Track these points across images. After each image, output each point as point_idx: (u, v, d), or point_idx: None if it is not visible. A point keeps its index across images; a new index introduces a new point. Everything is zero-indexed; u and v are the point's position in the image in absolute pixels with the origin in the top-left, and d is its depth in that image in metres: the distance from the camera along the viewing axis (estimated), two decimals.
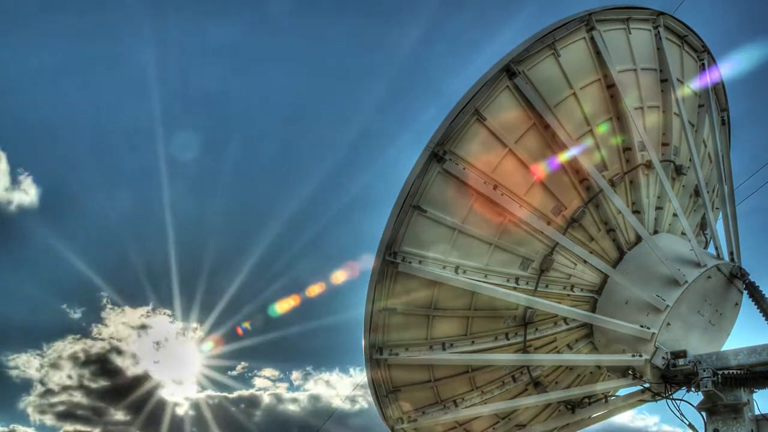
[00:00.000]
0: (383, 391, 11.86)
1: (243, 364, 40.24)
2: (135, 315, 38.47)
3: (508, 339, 11.83)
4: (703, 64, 12.86)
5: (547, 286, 11.54)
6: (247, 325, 33.20)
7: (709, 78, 12.69)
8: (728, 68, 13.03)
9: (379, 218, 10.88)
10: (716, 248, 12.03)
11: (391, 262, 10.83)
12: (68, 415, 38.04)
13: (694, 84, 12.39)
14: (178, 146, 36.13)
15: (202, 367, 36.05)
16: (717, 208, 13.50)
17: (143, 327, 37.91)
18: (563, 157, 11.03)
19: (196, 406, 37.08)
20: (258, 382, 41.30)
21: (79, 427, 37.29)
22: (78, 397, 38.49)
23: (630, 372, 10.63)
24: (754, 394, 9.85)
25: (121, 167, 39.83)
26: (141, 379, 38.45)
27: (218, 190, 40.77)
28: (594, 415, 12.46)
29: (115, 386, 38.55)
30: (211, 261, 36.09)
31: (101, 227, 39.70)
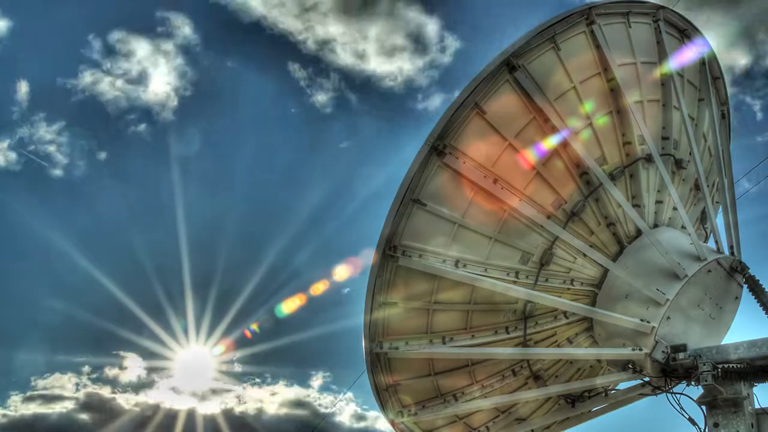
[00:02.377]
0: (383, 385, 11.86)
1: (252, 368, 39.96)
2: None
3: (508, 333, 11.83)
4: (703, 58, 12.85)
5: (547, 279, 11.54)
6: (255, 327, 33.05)
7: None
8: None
9: (381, 214, 10.89)
10: (716, 242, 12.02)
11: (391, 256, 10.82)
12: None
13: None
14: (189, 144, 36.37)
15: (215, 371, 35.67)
16: (717, 202, 13.49)
17: None
18: (563, 150, 11.06)
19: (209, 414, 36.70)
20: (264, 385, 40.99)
21: None
22: None
23: (630, 366, 10.65)
24: (754, 388, 9.87)
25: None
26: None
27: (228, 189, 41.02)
28: (594, 409, 12.46)
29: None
30: (223, 263, 36.04)
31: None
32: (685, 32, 12.61)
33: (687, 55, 12.35)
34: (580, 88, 11.15)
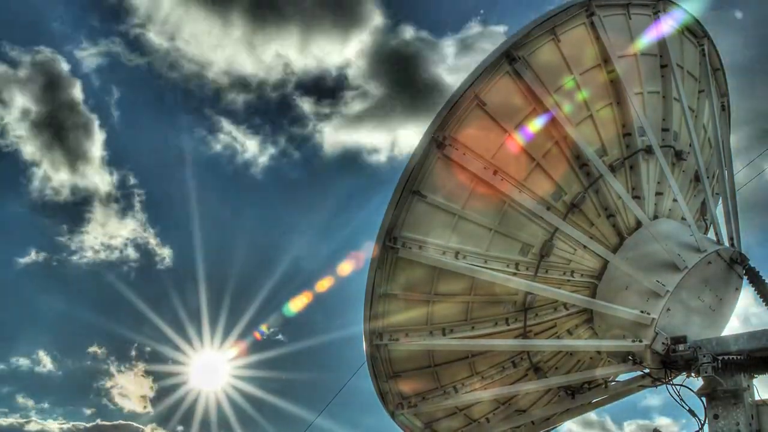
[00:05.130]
0: (383, 377, 11.87)
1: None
2: None
3: (508, 324, 11.83)
4: (703, 50, 12.82)
5: (547, 271, 11.53)
6: (264, 328, 32.99)
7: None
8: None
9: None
10: (716, 234, 12.03)
11: (392, 248, 10.83)
12: None
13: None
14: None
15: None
16: (717, 194, 13.48)
17: None
18: (562, 142, 11.06)
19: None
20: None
21: None
22: None
23: (630, 357, 10.63)
24: (754, 380, 9.87)
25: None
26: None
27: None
28: (594, 401, 12.48)
29: None
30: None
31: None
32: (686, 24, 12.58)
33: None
34: (580, 80, 11.16)
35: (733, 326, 11.38)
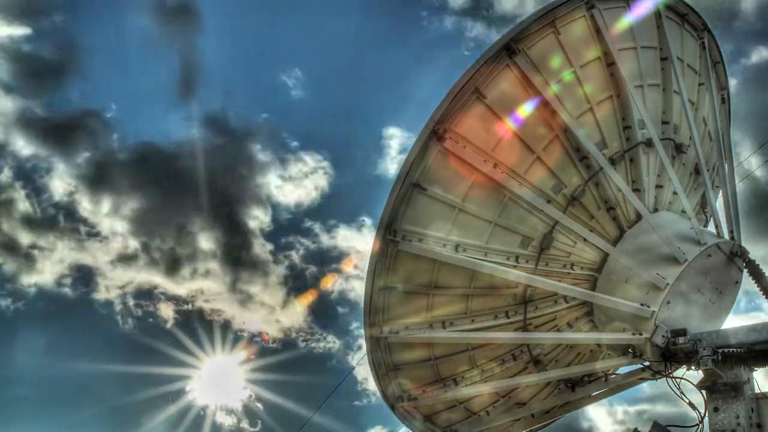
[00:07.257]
0: (383, 370, 11.89)
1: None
2: None
3: (508, 317, 11.83)
4: (703, 43, 12.81)
5: (547, 264, 11.54)
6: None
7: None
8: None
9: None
10: (716, 227, 12.01)
11: (392, 241, 10.84)
12: None
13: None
14: None
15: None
16: (717, 187, 13.47)
17: None
18: (562, 134, 11.06)
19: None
20: None
21: None
22: None
23: (630, 350, 10.64)
24: (754, 373, 9.87)
25: None
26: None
27: None
28: (594, 394, 12.47)
29: None
30: None
31: None
32: (686, 17, 12.56)
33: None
34: (580, 73, 11.14)
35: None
